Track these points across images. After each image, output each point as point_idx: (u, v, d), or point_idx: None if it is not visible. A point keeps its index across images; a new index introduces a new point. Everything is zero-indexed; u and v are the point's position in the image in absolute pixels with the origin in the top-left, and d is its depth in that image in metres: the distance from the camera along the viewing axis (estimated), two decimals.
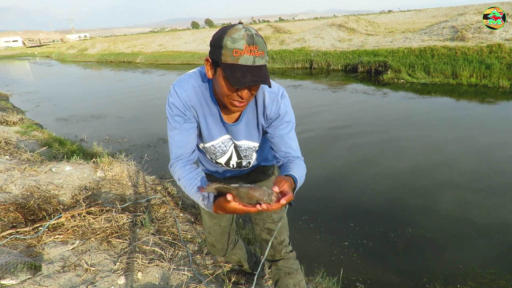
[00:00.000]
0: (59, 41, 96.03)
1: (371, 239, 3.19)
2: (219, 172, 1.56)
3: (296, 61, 15.31)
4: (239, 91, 1.07)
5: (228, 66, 1.02)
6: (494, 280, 2.61)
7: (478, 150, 5.09)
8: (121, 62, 27.01)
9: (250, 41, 1.00)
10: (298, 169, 1.22)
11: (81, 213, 2.37)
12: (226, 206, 1.04)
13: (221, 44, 1.02)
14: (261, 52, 1.03)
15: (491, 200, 3.74)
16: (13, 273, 1.69)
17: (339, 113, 7.73)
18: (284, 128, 1.27)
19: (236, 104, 1.11)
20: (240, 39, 1.00)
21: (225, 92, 1.08)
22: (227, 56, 1.01)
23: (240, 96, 1.08)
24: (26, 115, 9.10)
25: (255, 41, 1.01)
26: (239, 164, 1.47)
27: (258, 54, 1.01)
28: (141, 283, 1.86)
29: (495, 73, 9.22)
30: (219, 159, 1.42)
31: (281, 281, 1.52)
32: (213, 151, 1.38)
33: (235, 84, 1.01)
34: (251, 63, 1.01)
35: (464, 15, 13.94)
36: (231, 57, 1.00)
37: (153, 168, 4.11)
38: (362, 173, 4.58)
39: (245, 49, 1.00)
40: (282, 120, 1.26)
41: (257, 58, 1.01)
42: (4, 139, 4.40)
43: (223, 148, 1.36)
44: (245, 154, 1.40)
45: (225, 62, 1.02)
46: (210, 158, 1.46)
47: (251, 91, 1.09)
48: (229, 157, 1.41)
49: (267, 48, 1.09)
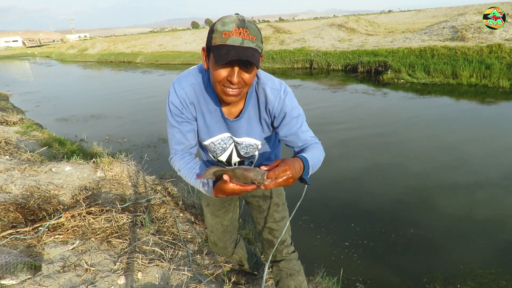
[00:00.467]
0: (59, 41, 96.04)
1: (371, 239, 3.19)
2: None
3: (296, 61, 15.30)
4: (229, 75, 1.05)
5: (216, 47, 1.02)
6: (494, 280, 2.61)
7: (478, 150, 5.09)
8: (121, 62, 27.00)
9: (241, 25, 1.00)
10: (310, 151, 1.21)
11: (81, 213, 2.37)
12: (225, 188, 1.07)
13: (213, 28, 1.03)
14: (252, 37, 1.02)
15: (491, 200, 3.74)
16: (13, 273, 1.69)
17: (339, 113, 7.73)
18: (294, 124, 1.25)
19: (228, 92, 1.08)
20: (231, 22, 1.01)
21: (216, 78, 1.07)
22: (217, 38, 1.01)
23: (230, 81, 1.05)
24: (26, 115, 9.10)
25: (246, 25, 1.01)
26: (241, 164, 1.45)
27: (248, 37, 1.00)
28: (141, 283, 1.86)
29: (495, 73, 9.22)
30: (220, 157, 1.40)
31: (282, 282, 1.51)
32: (213, 149, 1.37)
33: (218, 61, 1.00)
34: (238, 43, 0.99)
35: (464, 15, 13.94)
36: (220, 39, 1.00)
37: (153, 168, 4.11)
38: (362, 173, 4.58)
39: (234, 31, 0.99)
40: (291, 117, 1.24)
41: (246, 40, 1.00)
42: (4, 139, 4.40)
43: (223, 145, 1.34)
44: (246, 151, 1.37)
45: (214, 44, 1.02)
46: (212, 157, 1.45)
47: (242, 74, 1.06)
48: (230, 155, 1.39)
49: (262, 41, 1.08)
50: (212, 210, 1.64)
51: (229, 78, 1.05)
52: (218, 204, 1.62)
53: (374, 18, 32.65)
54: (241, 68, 1.04)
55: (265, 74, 1.24)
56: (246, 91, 1.14)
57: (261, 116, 1.26)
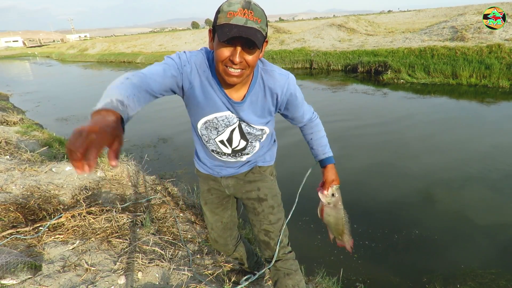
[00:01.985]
0: (59, 41, 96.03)
1: (371, 239, 3.19)
2: (215, 171, 1.52)
3: (296, 61, 15.31)
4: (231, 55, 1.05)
5: (220, 26, 1.03)
6: (494, 280, 2.61)
7: (478, 150, 5.09)
8: (121, 62, 27.00)
9: (246, 6, 1.02)
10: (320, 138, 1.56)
11: (81, 213, 2.37)
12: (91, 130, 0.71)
13: (219, 9, 1.05)
14: (257, 19, 1.03)
15: (491, 200, 3.74)
16: (13, 273, 1.69)
17: (339, 113, 7.73)
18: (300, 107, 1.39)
19: (230, 72, 1.08)
20: (237, 3, 1.02)
21: (219, 57, 1.07)
22: (222, 18, 1.03)
23: (232, 61, 1.06)
24: (26, 115, 9.09)
25: (251, 7, 1.03)
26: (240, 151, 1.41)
27: (252, 18, 1.02)
28: (141, 283, 1.86)
29: (495, 73, 9.22)
30: (220, 135, 1.33)
31: (280, 281, 1.52)
32: (215, 125, 1.30)
33: (220, 38, 1.01)
34: (242, 23, 1.01)
35: (464, 15, 13.94)
36: (224, 18, 1.02)
37: (153, 168, 4.12)
38: (362, 173, 4.58)
39: (239, 11, 1.01)
40: (297, 100, 1.34)
41: (250, 21, 1.01)
42: (5, 139, 4.40)
43: (227, 122, 1.30)
44: (249, 132, 1.35)
45: (219, 24, 1.04)
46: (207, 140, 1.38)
47: (244, 54, 1.06)
48: (231, 132, 1.33)
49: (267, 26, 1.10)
50: (210, 208, 1.65)
51: (231, 57, 1.06)
52: (215, 202, 1.64)
53: (374, 18, 32.64)
54: (243, 49, 1.05)
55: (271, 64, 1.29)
56: (248, 74, 1.13)
57: (266, 101, 1.28)
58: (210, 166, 1.52)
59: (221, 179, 1.54)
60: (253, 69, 1.14)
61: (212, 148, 1.42)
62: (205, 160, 1.52)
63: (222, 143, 1.38)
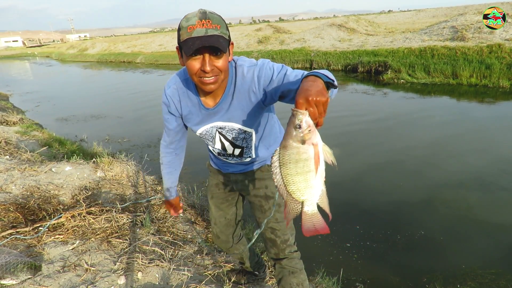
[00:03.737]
0: (59, 41, 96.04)
1: (371, 239, 3.19)
2: (224, 167, 1.58)
3: (296, 61, 15.30)
4: (202, 66, 1.09)
5: (184, 42, 1.08)
6: (494, 280, 2.60)
7: (479, 150, 5.09)
8: (121, 62, 26.99)
9: (203, 16, 1.06)
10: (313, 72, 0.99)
11: (81, 213, 2.37)
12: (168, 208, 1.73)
13: (179, 26, 1.10)
14: (216, 26, 1.07)
15: (492, 199, 3.74)
16: (13, 273, 1.69)
17: (339, 113, 7.73)
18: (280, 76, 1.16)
19: (205, 81, 1.13)
20: (193, 17, 1.07)
21: (191, 71, 1.13)
22: (184, 34, 1.08)
23: (203, 70, 1.10)
24: (26, 115, 9.09)
25: (208, 16, 1.07)
26: (239, 154, 1.45)
27: (211, 26, 1.06)
28: (141, 283, 1.86)
29: (495, 73, 9.21)
30: (215, 146, 1.46)
31: (284, 279, 1.53)
32: (205, 139, 1.46)
33: (187, 53, 1.07)
34: (203, 34, 1.05)
35: (464, 15, 13.93)
36: (186, 34, 1.07)
37: (153, 168, 4.11)
38: (362, 173, 4.58)
39: (197, 24, 1.05)
40: (272, 75, 1.17)
41: (210, 29, 1.06)
42: (4, 139, 4.40)
43: (210, 134, 1.41)
44: (233, 137, 1.38)
45: (182, 40, 1.08)
46: (211, 148, 1.53)
47: (213, 61, 1.09)
48: (221, 142, 1.42)
49: (228, 30, 1.13)
50: (216, 202, 1.70)
51: (202, 68, 1.10)
52: (221, 197, 1.67)
53: (374, 18, 32.63)
54: (211, 56, 1.09)
55: (244, 58, 1.28)
56: (223, 78, 1.17)
57: (241, 100, 1.26)
58: (220, 164, 1.60)
59: (230, 175, 1.59)
60: (227, 72, 1.18)
61: (217, 152, 1.51)
62: (214, 158, 1.61)
63: (221, 150, 1.47)
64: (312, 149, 0.83)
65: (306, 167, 0.84)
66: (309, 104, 0.80)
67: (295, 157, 0.83)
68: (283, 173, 0.86)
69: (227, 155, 1.48)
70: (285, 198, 0.89)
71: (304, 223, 0.92)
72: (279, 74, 1.17)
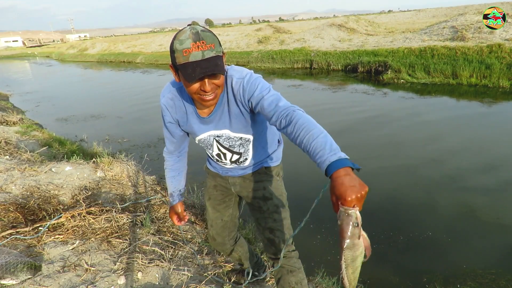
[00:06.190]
0: (59, 41, 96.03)
1: (371, 239, 3.15)
2: (223, 171, 1.60)
3: (296, 61, 15.30)
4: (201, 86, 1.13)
5: (182, 66, 1.09)
6: (494, 280, 2.61)
7: (479, 150, 5.09)
8: (121, 62, 26.99)
9: (196, 38, 1.07)
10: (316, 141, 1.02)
11: (81, 213, 2.37)
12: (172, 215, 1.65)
13: (173, 48, 1.10)
14: (210, 45, 1.08)
15: (492, 199, 3.74)
16: (13, 273, 1.69)
17: (339, 113, 7.73)
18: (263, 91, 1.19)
19: (205, 99, 1.17)
20: (187, 39, 1.07)
21: (190, 91, 1.16)
22: (180, 57, 1.09)
23: (203, 90, 1.13)
24: (26, 115, 9.10)
25: (201, 36, 1.07)
26: (237, 160, 1.48)
27: (206, 48, 1.07)
28: (141, 283, 1.86)
29: (495, 73, 9.22)
30: (213, 153, 1.49)
31: (283, 278, 1.53)
32: (203, 146, 1.49)
33: (188, 80, 1.09)
34: (200, 57, 1.07)
35: (464, 15, 13.93)
36: (182, 58, 1.08)
37: (153, 168, 4.11)
38: (362, 173, 4.57)
39: (192, 47, 1.06)
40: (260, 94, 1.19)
41: (206, 51, 1.08)
42: (4, 139, 4.40)
43: (208, 142, 1.43)
44: (230, 144, 1.41)
45: (179, 64, 1.09)
46: (210, 154, 1.54)
47: (212, 81, 1.13)
48: (218, 149, 1.45)
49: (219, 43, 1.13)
50: (213, 204, 1.70)
51: (202, 88, 1.13)
52: (219, 199, 1.68)
53: (374, 18, 32.63)
54: (210, 78, 1.12)
55: (235, 68, 1.28)
56: (221, 91, 1.22)
57: (232, 109, 1.30)
58: (218, 168, 1.62)
59: (228, 177, 1.60)
60: (223, 85, 1.22)
61: (216, 159, 1.53)
62: (213, 162, 1.63)
63: (218, 156, 1.49)
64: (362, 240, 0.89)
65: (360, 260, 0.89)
66: (359, 201, 0.85)
67: (356, 254, 0.87)
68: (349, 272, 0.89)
69: (225, 161, 1.50)
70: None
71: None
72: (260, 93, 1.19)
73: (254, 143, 1.44)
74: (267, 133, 1.48)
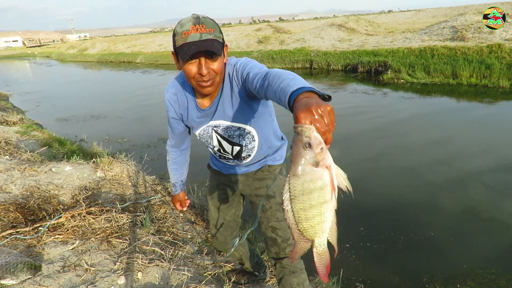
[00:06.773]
0: (59, 41, 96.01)
1: (371, 239, 3.19)
2: (226, 169, 1.59)
3: (296, 61, 15.29)
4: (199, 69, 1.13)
5: (180, 48, 1.11)
6: (494, 280, 2.60)
7: (479, 150, 5.09)
8: (121, 62, 26.98)
9: (196, 22, 1.09)
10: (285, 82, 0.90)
11: (81, 213, 2.37)
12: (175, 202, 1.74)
13: (174, 32, 1.12)
14: (210, 30, 1.10)
15: (492, 199, 3.73)
16: (13, 273, 1.69)
17: (339, 113, 7.73)
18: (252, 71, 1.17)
19: (202, 84, 1.18)
20: (187, 22, 1.09)
21: (188, 75, 1.17)
22: (179, 40, 1.11)
23: (200, 74, 1.14)
24: (26, 115, 9.09)
25: (201, 21, 1.10)
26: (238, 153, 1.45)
27: (205, 31, 1.09)
28: (141, 283, 1.86)
29: (495, 73, 9.21)
30: (214, 147, 1.49)
31: (285, 279, 1.53)
32: (203, 140, 1.49)
33: (183, 58, 1.10)
34: (198, 39, 1.08)
35: (464, 15, 13.93)
36: (181, 39, 1.10)
37: (153, 168, 4.11)
38: (363, 173, 4.58)
39: (191, 29, 1.08)
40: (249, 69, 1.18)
41: (204, 34, 1.09)
42: (4, 139, 4.40)
43: (207, 134, 1.44)
44: (229, 134, 1.39)
45: (178, 46, 1.11)
46: (210, 150, 1.55)
47: (208, 64, 1.14)
48: (218, 141, 1.45)
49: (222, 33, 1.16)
50: (215, 203, 1.70)
51: (199, 71, 1.14)
52: (221, 198, 1.68)
53: (374, 18, 32.62)
54: (207, 59, 1.13)
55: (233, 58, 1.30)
56: (220, 80, 1.22)
57: (232, 97, 1.30)
58: (221, 166, 1.62)
59: (231, 175, 1.60)
60: (222, 74, 1.22)
61: (218, 155, 1.53)
62: (215, 160, 1.63)
63: (219, 151, 1.48)
64: (327, 173, 0.67)
65: (321, 197, 0.67)
66: (313, 115, 0.65)
67: (308, 186, 0.66)
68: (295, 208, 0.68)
69: (227, 155, 1.48)
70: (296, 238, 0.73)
71: (317, 267, 0.78)
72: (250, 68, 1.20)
73: (257, 138, 1.43)
74: (269, 128, 1.46)
